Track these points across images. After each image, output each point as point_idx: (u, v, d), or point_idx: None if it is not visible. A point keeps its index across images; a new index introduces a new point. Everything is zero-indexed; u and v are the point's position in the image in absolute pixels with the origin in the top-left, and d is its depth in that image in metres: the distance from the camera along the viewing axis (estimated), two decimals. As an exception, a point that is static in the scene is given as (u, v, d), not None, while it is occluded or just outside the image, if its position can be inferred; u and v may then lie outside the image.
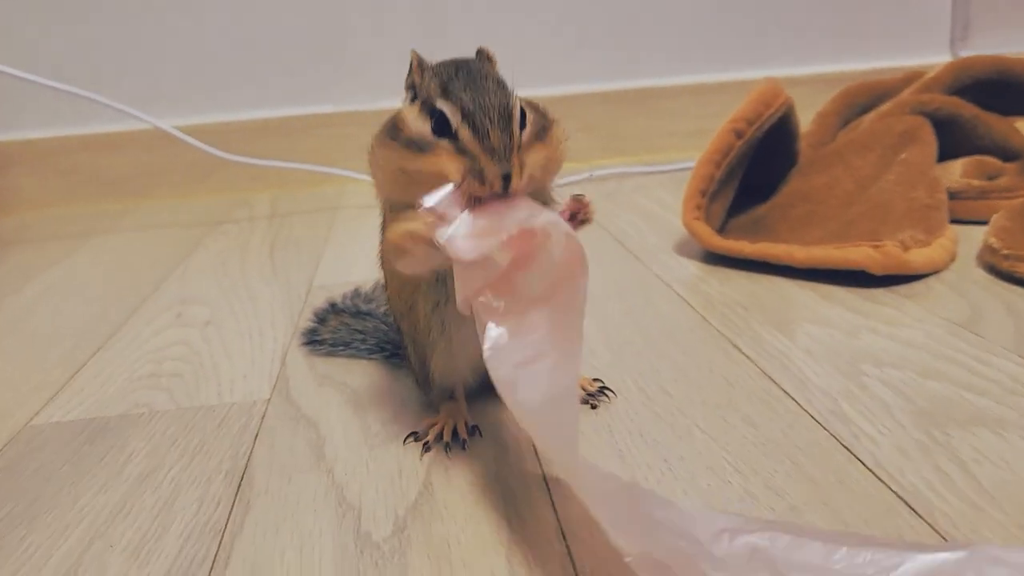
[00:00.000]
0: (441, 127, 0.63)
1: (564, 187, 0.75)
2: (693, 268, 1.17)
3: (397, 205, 0.68)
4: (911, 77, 1.51)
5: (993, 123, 1.34)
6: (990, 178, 1.27)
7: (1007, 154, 1.32)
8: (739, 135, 1.24)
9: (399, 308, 0.77)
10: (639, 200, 1.61)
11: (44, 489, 0.69)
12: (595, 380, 0.79)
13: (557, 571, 0.54)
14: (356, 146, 2.05)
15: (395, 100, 0.69)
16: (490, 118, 0.62)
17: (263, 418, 0.79)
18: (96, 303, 1.23)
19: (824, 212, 1.17)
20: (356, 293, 1.03)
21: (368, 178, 0.72)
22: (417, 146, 0.64)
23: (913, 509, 0.57)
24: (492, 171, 0.61)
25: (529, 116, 0.65)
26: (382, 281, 0.83)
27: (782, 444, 0.67)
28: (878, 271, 1.01)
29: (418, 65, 0.67)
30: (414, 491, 0.65)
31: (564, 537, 0.57)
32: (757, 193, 1.32)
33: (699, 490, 0.62)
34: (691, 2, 2.02)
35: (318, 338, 0.96)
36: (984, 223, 1.11)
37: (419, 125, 0.64)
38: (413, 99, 0.67)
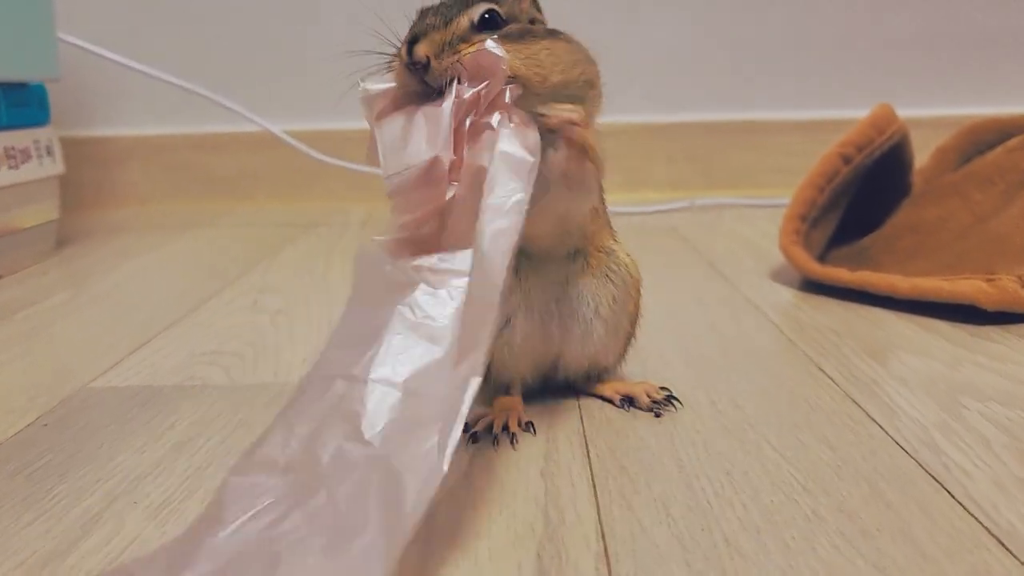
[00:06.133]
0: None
1: (663, 214, 0.70)
2: (788, 294, 1.10)
3: None
4: (1044, 118, 1.41)
5: None
6: None
7: None
8: (847, 160, 1.17)
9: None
10: (739, 229, 1.55)
11: (85, 445, 0.68)
12: (662, 388, 0.73)
13: (590, 571, 0.49)
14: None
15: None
16: (437, 10, 0.60)
17: (314, 399, 0.77)
18: (179, 285, 1.25)
19: (934, 244, 1.09)
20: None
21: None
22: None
23: (1005, 546, 0.50)
24: (405, 42, 0.59)
25: (513, 27, 0.62)
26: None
27: (861, 468, 0.60)
28: (990, 306, 0.93)
29: None
30: (452, 479, 0.61)
31: (603, 537, 0.52)
32: (864, 226, 1.24)
33: (761, 506, 0.56)
34: (806, 36, 1.95)
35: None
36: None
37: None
38: None
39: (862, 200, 1.22)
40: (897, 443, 0.64)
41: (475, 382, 0.49)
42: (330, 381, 0.52)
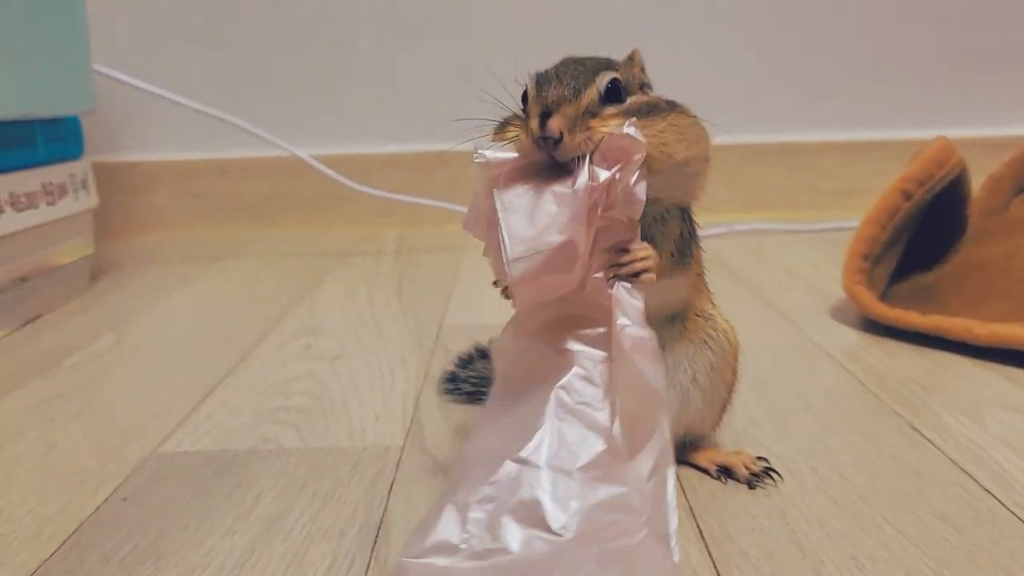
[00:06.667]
0: (522, 99, 0.60)
1: (702, 240, 0.68)
2: (852, 336, 1.08)
3: None
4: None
5: None
6: None
7: None
8: (907, 196, 1.15)
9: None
10: (784, 258, 1.53)
11: (169, 525, 0.65)
12: (759, 458, 0.71)
13: None
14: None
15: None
16: (560, 79, 0.57)
17: (398, 466, 0.74)
18: (224, 326, 1.21)
19: (1005, 285, 1.06)
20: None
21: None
22: (502, 125, 0.61)
23: None
24: (534, 115, 0.55)
25: (637, 99, 0.61)
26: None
27: (995, 554, 0.58)
28: (1076, 356, 0.90)
29: None
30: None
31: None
32: (919, 259, 1.22)
33: (899, 600, 0.53)
34: (842, 55, 1.93)
35: (457, 387, 0.90)
36: None
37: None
38: None
39: (920, 234, 1.20)
40: None
41: (670, 472, 0.51)
42: (497, 462, 0.51)
